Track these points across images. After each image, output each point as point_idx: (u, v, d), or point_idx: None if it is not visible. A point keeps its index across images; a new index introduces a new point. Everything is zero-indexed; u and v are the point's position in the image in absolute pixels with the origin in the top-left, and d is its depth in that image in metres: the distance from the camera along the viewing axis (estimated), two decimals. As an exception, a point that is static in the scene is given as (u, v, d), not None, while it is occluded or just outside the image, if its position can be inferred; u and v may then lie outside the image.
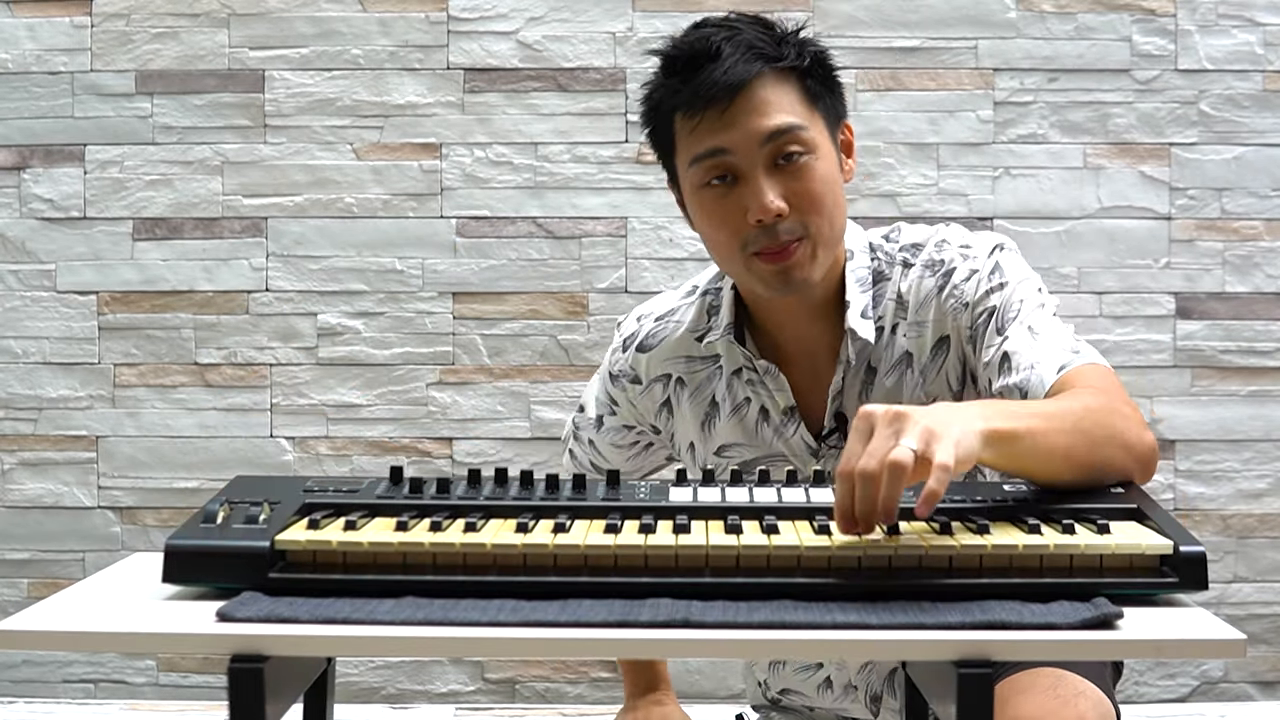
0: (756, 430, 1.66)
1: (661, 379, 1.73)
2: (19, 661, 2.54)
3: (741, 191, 1.53)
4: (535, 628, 1.05)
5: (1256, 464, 2.52)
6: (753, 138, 1.51)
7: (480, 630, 1.05)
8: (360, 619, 1.06)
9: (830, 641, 1.05)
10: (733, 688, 2.49)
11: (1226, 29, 2.51)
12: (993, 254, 1.61)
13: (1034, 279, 1.63)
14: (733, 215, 1.53)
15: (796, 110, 1.53)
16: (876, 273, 1.63)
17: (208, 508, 1.19)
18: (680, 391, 1.72)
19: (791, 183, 1.52)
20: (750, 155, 1.52)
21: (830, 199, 1.54)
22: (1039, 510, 1.22)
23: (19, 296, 2.55)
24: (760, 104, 1.52)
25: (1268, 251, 2.52)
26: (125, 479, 2.54)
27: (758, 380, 1.65)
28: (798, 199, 1.52)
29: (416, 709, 2.40)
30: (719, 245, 1.58)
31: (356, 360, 2.54)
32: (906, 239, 1.66)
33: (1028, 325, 1.57)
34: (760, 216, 1.50)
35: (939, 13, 2.51)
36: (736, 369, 1.67)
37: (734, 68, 1.50)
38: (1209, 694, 2.53)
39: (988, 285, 1.58)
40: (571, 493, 1.26)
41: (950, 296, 1.59)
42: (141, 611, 1.11)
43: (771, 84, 1.53)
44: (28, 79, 2.54)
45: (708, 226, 1.58)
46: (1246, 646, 1.03)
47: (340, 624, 1.05)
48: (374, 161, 2.54)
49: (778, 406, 1.64)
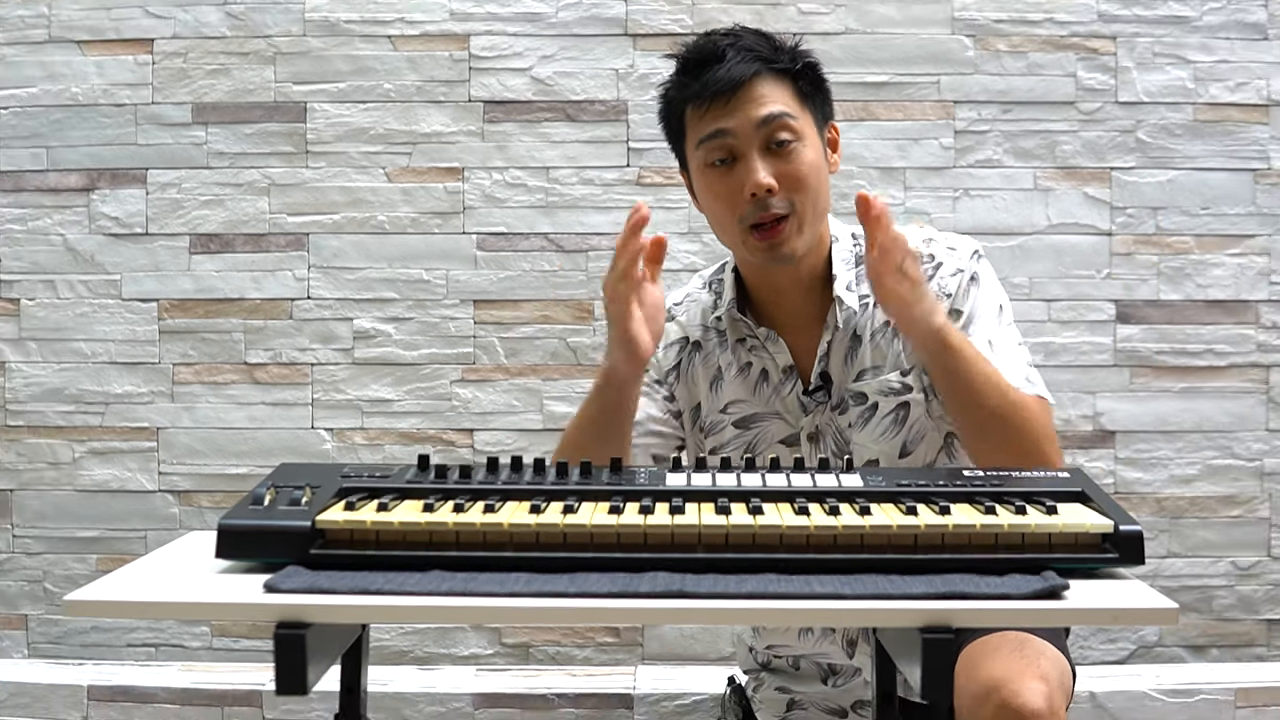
0: (757, 389, 1.71)
1: (680, 341, 1.77)
2: (88, 628, 2.54)
3: (739, 170, 1.60)
4: (547, 598, 1.05)
5: (1187, 453, 2.52)
6: (749, 122, 1.59)
7: (498, 600, 1.05)
8: (391, 590, 1.06)
9: (809, 610, 1.05)
10: (723, 651, 2.49)
11: (1161, 66, 2.51)
12: (974, 258, 1.67)
13: (1000, 293, 1.68)
14: (731, 191, 1.61)
15: (788, 103, 1.61)
16: (858, 256, 1.69)
17: (256, 491, 1.20)
18: (695, 355, 1.76)
19: (781, 164, 1.59)
20: (747, 137, 1.59)
21: (814, 181, 1.60)
22: (994, 494, 1.22)
23: (88, 304, 2.55)
24: (757, 96, 1.59)
25: (1197, 264, 2.52)
26: (183, 466, 2.54)
27: (759, 345, 1.70)
28: (786, 178, 1.59)
29: (441, 670, 2.40)
30: (719, 217, 1.64)
31: (388, 360, 2.54)
32: None
33: (988, 339, 1.60)
34: (754, 190, 1.58)
35: (906, 52, 2.51)
36: (740, 338, 1.72)
37: (736, 67, 1.59)
38: (1145, 656, 2.53)
39: (967, 285, 1.64)
40: (579, 478, 1.26)
41: (936, 285, 1.63)
42: (197, 583, 1.11)
43: (768, 82, 1.60)
44: (96, 111, 2.54)
45: (710, 200, 1.65)
46: (1179, 615, 1.03)
47: (374, 595, 1.05)
48: (403, 184, 2.53)
49: (777, 367, 1.69)
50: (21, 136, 2.54)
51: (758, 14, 2.50)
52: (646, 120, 2.49)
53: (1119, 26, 2.51)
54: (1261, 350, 2.52)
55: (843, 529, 1.12)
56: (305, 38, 2.53)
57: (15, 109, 2.54)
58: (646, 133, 2.49)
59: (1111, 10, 2.51)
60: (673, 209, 2.50)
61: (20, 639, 2.56)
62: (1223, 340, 2.52)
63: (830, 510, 1.16)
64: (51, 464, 2.55)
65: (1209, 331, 2.52)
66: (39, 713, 2.21)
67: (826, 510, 1.16)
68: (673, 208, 2.50)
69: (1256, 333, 2.52)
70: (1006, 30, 2.51)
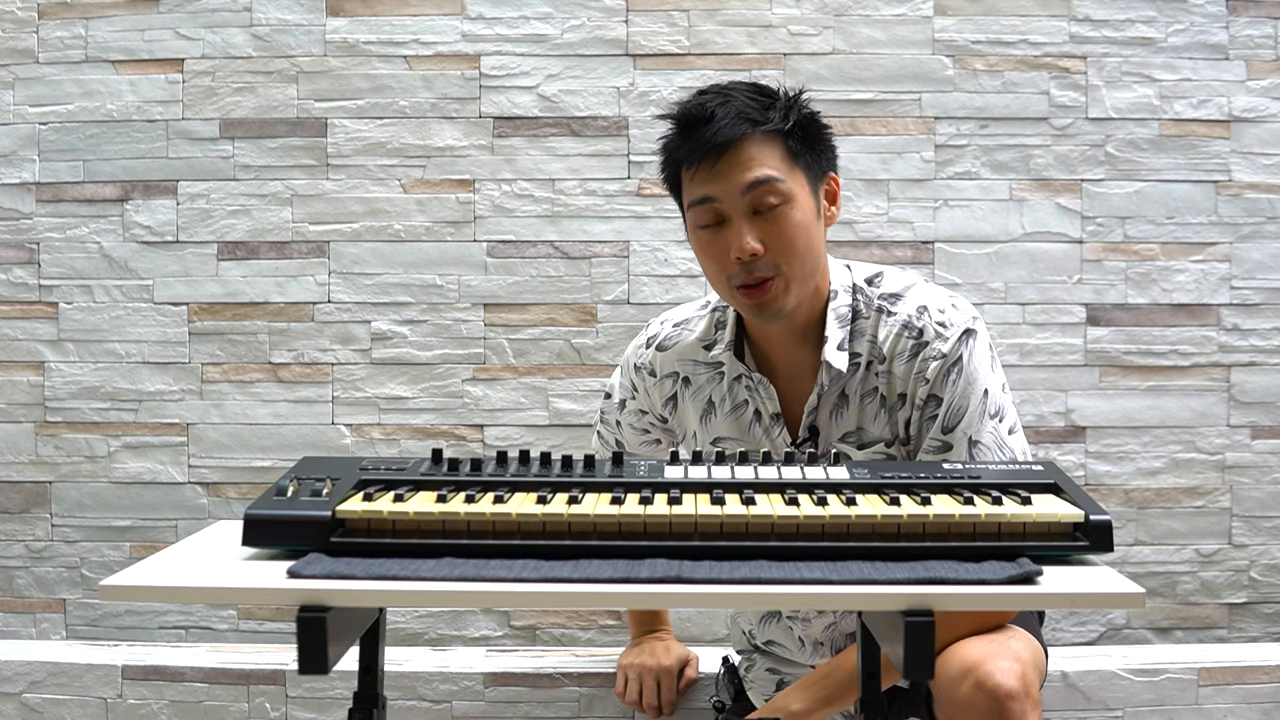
0: (749, 428, 1.66)
1: (671, 375, 1.73)
2: (122, 611, 2.54)
3: (727, 233, 1.52)
4: (553, 583, 1.05)
5: (1153, 447, 2.52)
6: (736, 188, 1.51)
7: (507, 585, 1.05)
8: (407, 576, 1.06)
9: (799, 595, 1.05)
10: (717, 633, 2.49)
11: (1129, 84, 2.51)
12: (960, 340, 1.55)
13: (989, 375, 1.55)
14: (720, 253, 1.54)
15: (777, 166, 1.51)
16: (855, 311, 1.60)
17: (279, 483, 1.20)
18: (685, 390, 1.72)
19: (768, 227, 1.51)
20: (734, 202, 1.51)
21: (803, 242, 1.52)
22: (973, 485, 1.22)
23: (122, 307, 2.55)
24: (745, 160, 1.50)
25: (1163, 269, 2.52)
26: (211, 459, 2.54)
27: (754, 387, 1.65)
28: (773, 241, 1.51)
29: (453, 650, 2.40)
30: (710, 275, 1.59)
31: (404, 360, 2.54)
32: (887, 287, 1.62)
33: (970, 436, 1.52)
34: (739, 255, 1.51)
35: (889, 71, 2.51)
36: (737, 376, 1.67)
37: (723, 129, 1.50)
38: (1114, 638, 2.53)
39: (944, 374, 1.54)
40: (583, 470, 1.26)
41: (917, 366, 1.56)
42: (225, 570, 1.11)
43: (757, 143, 1.51)
44: (129, 126, 2.54)
45: (702, 259, 1.58)
46: (1145, 599, 1.03)
47: (390, 580, 1.05)
48: (418, 195, 2.53)
49: (768, 410, 1.64)
50: (60, 150, 2.54)
51: (750, 35, 2.50)
52: (646, 135, 2.49)
53: (1089, 47, 2.51)
54: (1223, 351, 2.52)
55: (830, 518, 1.12)
56: (326, 58, 2.53)
57: (55, 124, 2.54)
58: (646, 147, 2.49)
59: (1082, 32, 2.51)
60: (670, 218, 2.50)
61: (59, 622, 2.56)
62: (1186, 341, 2.52)
63: (819, 501, 1.16)
64: (88, 458, 2.55)
65: (1174, 333, 2.52)
66: (77, 691, 2.21)
67: (815, 501, 1.16)
68: (670, 217, 2.50)
69: (1218, 334, 2.52)
70: (984, 51, 2.51)
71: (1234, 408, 2.52)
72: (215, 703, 2.18)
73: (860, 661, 1.25)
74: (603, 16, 2.52)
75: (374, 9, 2.53)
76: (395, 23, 2.53)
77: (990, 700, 1.35)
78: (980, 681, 1.36)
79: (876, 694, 1.24)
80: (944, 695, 1.41)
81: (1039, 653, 1.51)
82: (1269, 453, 2.52)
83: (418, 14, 2.53)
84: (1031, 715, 1.35)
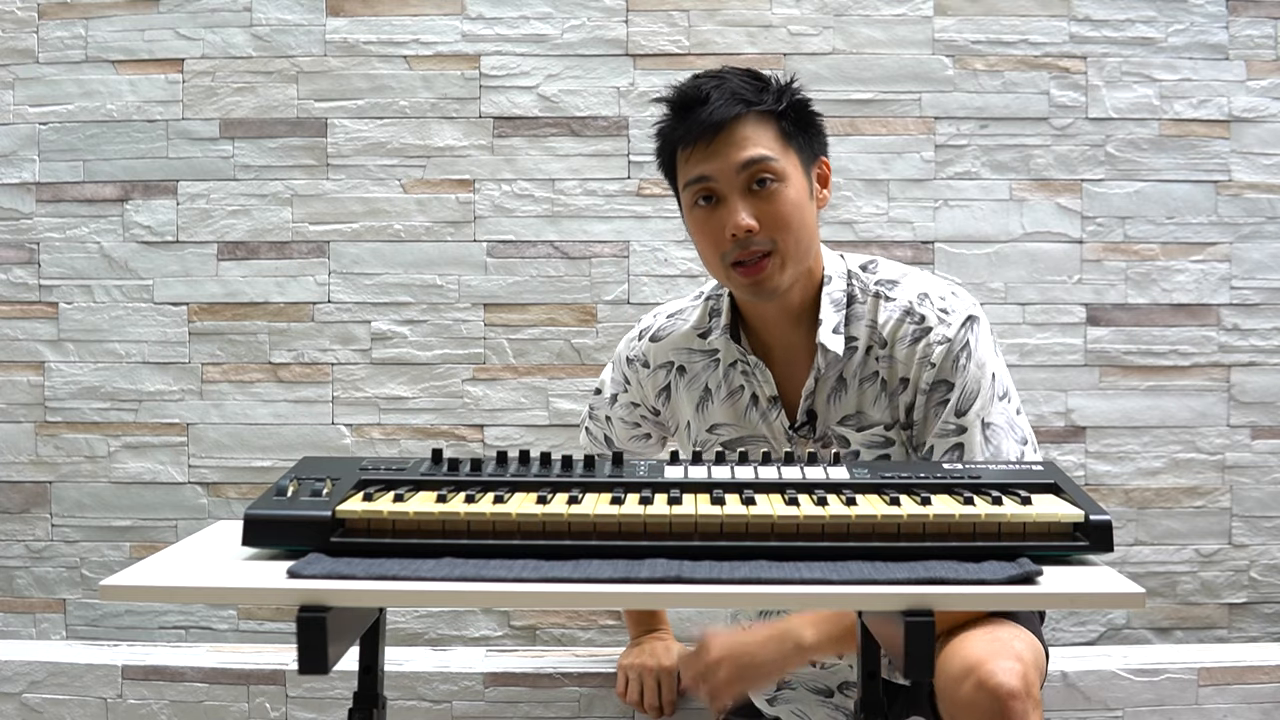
0: (745, 413, 1.67)
1: (665, 365, 1.74)
2: (122, 611, 2.54)
3: (721, 211, 1.54)
4: (553, 583, 1.05)
5: (1153, 447, 2.52)
6: (731, 166, 1.53)
7: (507, 585, 1.05)
8: (407, 576, 1.06)
9: (799, 594, 1.05)
10: (717, 633, 2.49)
11: (1129, 84, 2.51)
12: (965, 326, 1.57)
13: (995, 360, 1.58)
14: (715, 231, 1.55)
15: (771, 145, 1.54)
16: (850, 295, 1.62)
17: (279, 483, 1.19)
18: (679, 379, 1.72)
19: (763, 205, 1.53)
20: (729, 181, 1.53)
21: (797, 219, 1.54)
22: (973, 485, 1.22)
23: (122, 307, 2.55)
24: (739, 139, 1.53)
25: (1163, 269, 2.52)
26: (211, 459, 2.54)
27: (750, 371, 1.65)
28: (767, 218, 1.53)
29: (453, 650, 2.40)
30: (706, 254, 1.60)
31: (403, 360, 2.54)
32: (883, 274, 1.64)
33: (983, 419, 1.53)
34: (734, 232, 1.52)
35: (889, 71, 2.51)
36: (733, 361, 1.67)
37: (718, 110, 1.52)
38: (1114, 638, 2.53)
39: (953, 359, 1.55)
40: (583, 470, 1.26)
41: (920, 351, 1.56)
42: (225, 570, 1.11)
43: (751, 124, 1.54)
44: (130, 126, 2.54)
45: (697, 239, 1.60)
46: (1145, 599, 1.03)
47: (390, 580, 1.05)
48: (418, 195, 2.53)
49: (764, 394, 1.64)
50: (60, 150, 2.54)
51: (750, 35, 2.50)
52: (646, 135, 2.49)
53: (1089, 47, 2.51)
54: (1222, 351, 2.52)
55: (830, 518, 1.12)
56: (326, 58, 2.53)
57: (55, 124, 2.54)
58: (646, 146, 2.49)
59: (1082, 32, 2.51)
60: (670, 218, 2.50)
61: (59, 621, 2.55)
62: (1186, 341, 2.52)
63: (819, 501, 1.16)
64: (88, 457, 2.55)
65: (1173, 333, 2.52)
66: (77, 691, 2.21)
67: (815, 501, 1.16)
68: (670, 217, 2.50)
69: (1218, 334, 2.52)
70: (984, 51, 2.51)
71: (1234, 408, 2.52)
72: (215, 703, 2.18)
73: (860, 661, 1.24)
74: (603, 16, 2.52)
75: (374, 9, 2.53)
76: (395, 23, 2.53)
77: (992, 700, 1.35)
78: (982, 681, 1.36)
79: (876, 694, 1.24)
80: (945, 694, 1.41)
81: (1040, 652, 1.51)
82: (1269, 453, 2.52)
83: (418, 14, 2.53)
84: (1033, 715, 1.36)
